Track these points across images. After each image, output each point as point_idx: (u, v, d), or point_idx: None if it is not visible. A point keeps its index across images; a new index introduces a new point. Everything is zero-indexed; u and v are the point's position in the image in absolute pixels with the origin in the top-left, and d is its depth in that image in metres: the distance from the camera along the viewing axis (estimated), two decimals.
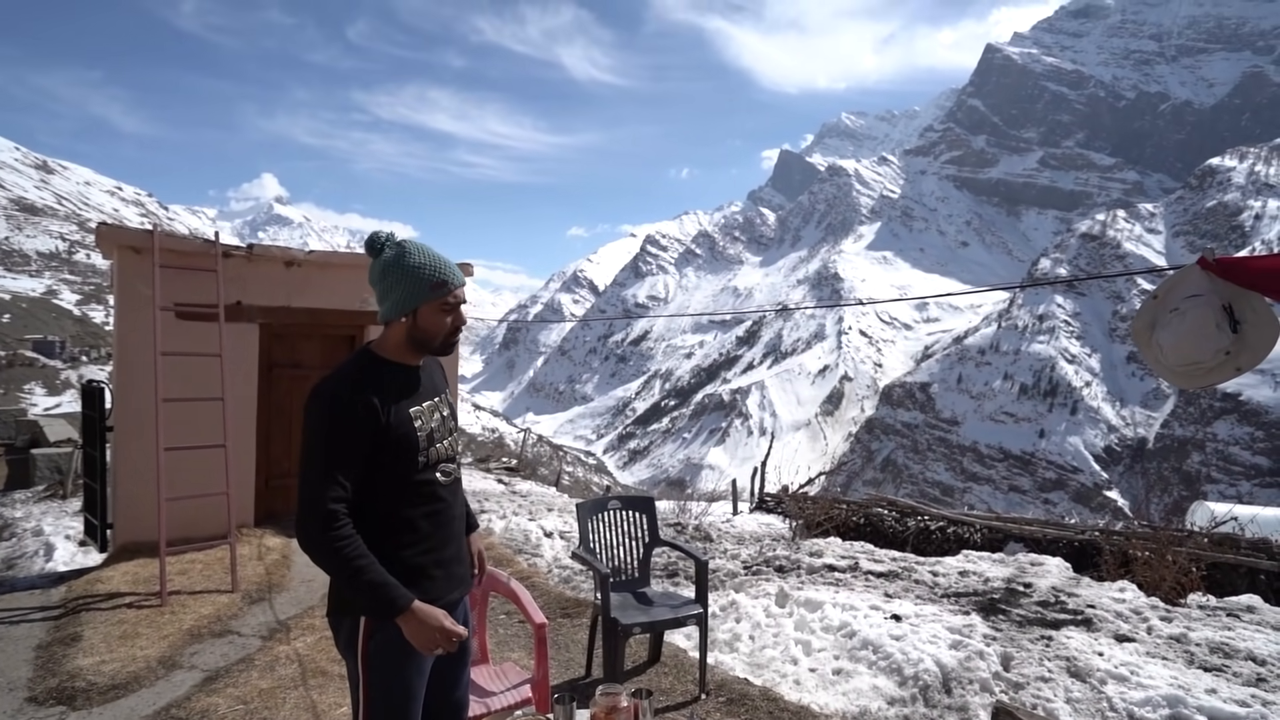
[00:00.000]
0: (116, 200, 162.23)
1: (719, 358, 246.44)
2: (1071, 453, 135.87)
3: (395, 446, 1.79)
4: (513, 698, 2.55)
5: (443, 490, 1.93)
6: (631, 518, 3.92)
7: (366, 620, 1.80)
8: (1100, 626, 4.96)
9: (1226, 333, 1.93)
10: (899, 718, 3.59)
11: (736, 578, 6.29)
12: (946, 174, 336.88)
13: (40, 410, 24.68)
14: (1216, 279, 1.99)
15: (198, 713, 3.33)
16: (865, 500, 10.36)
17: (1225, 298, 1.97)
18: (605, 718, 1.93)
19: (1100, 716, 3.58)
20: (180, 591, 4.85)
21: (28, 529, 9.43)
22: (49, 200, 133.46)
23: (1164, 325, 2.08)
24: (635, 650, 4.13)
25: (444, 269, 1.85)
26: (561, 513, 8.91)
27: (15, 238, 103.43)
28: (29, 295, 71.74)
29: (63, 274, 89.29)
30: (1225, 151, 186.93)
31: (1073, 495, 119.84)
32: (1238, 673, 4.19)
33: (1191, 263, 2.12)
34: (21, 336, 54.27)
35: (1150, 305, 2.17)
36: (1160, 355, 2.09)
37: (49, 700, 3.48)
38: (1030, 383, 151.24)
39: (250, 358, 6.21)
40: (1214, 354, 1.96)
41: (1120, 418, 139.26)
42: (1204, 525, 8.90)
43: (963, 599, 5.61)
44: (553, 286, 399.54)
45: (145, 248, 5.48)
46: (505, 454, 22.04)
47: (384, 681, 1.81)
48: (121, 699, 3.50)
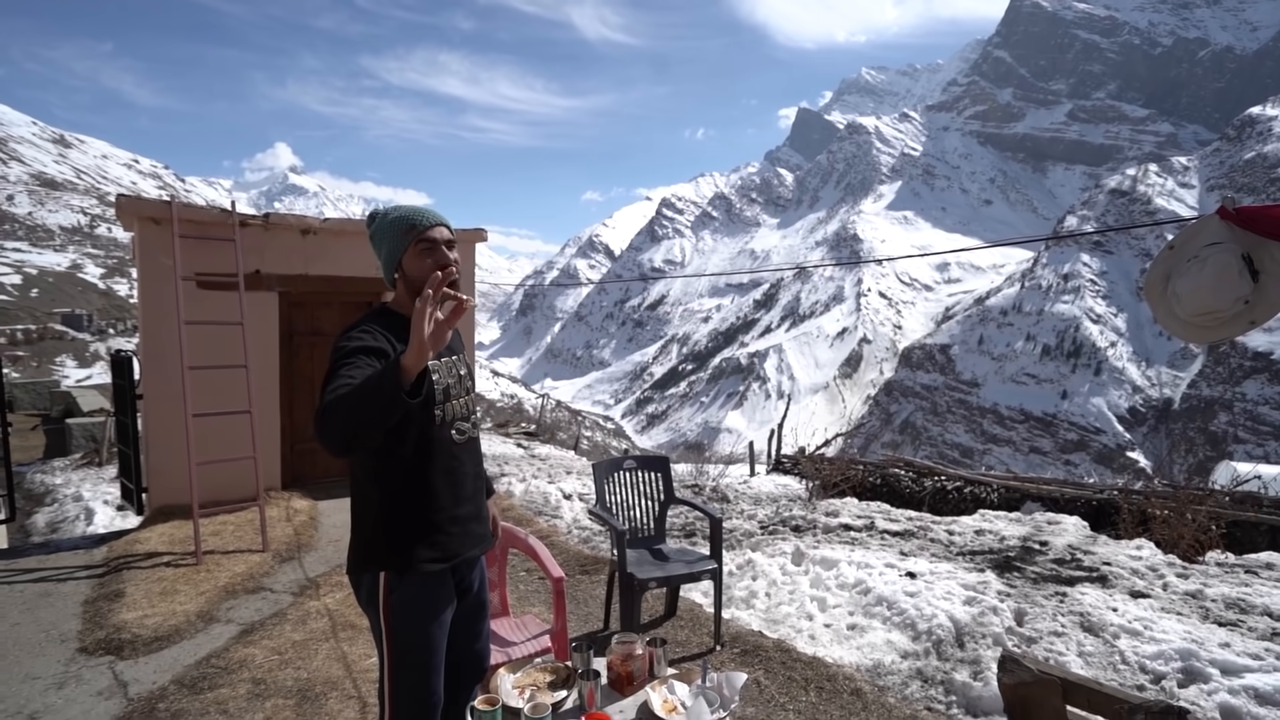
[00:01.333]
0: (134, 173, 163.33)
1: (736, 321, 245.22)
2: (1094, 414, 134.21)
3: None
4: (533, 647, 2.66)
5: (459, 449, 1.96)
6: (647, 477, 3.99)
7: (386, 575, 1.87)
8: (1115, 583, 4.98)
9: (1247, 280, 1.90)
10: (911, 670, 3.67)
11: (753, 537, 6.38)
12: (970, 130, 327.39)
13: (72, 382, 25.36)
14: (1236, 229, 1.95)
15: (236, 662, 3.50)
16: (882, 461, 10.38)
17: (1245, 248, 1.93)
18: (621, 665, 2.01)
19: (1112, 669, 3.63)
20: (214, 551, 5.05)
21: (68, 495, 9.82)
22: (68, 174, 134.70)
23: (1182, 273, 2.03)
24: (652, 605, 4.25)
25: (412, 215, 1.90)
26: (580, 475, 9.05)
27: (38, 213, 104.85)
28: (55, 270, 73.04)
29: (86, 248, 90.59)
30: (1268, 100, 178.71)
31: (1094, 456, 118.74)
32: (1253, 627, 4.21)
33: (1211, 214, 2.07)
34: (50, 310, 55.47)
35: (1166, 256, 2.13)
36: (1176, 305, 2.05)
37: (98, 650, 3.68)
38: (1053, 343, 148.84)
39: (271, 325, 6.32)
40: (1234, 302, 1.93)
41: (1145, 378, 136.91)
42: (1226, 484, 8.83)
43: (978, 557, 5.66)
44: (568, 252, 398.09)
45: (164, 219, 5.56)
46: (524, 419, 22.31)
47: (405, 634, 1.88)
48: (165, 650, 3.69)
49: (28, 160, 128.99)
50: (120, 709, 3.12)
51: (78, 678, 3.41)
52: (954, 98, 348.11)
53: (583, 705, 1.91)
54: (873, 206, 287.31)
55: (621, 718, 1.87)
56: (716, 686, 1.95)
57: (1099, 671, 3.61)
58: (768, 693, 3.23)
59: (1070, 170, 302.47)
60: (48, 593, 4.49)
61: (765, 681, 3.32)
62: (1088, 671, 3.62)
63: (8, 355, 46.91)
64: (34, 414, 16.41)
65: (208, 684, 3.30)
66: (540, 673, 2.06)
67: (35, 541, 7.67)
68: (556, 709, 1.88)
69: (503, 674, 2.04)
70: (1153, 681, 3.50)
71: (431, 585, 1.90)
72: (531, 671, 2.06)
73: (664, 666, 2.06)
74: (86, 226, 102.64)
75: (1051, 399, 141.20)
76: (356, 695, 3.18)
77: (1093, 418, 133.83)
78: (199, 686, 3.28)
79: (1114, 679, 3.55)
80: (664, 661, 2.07)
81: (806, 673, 3.37)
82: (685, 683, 1.99)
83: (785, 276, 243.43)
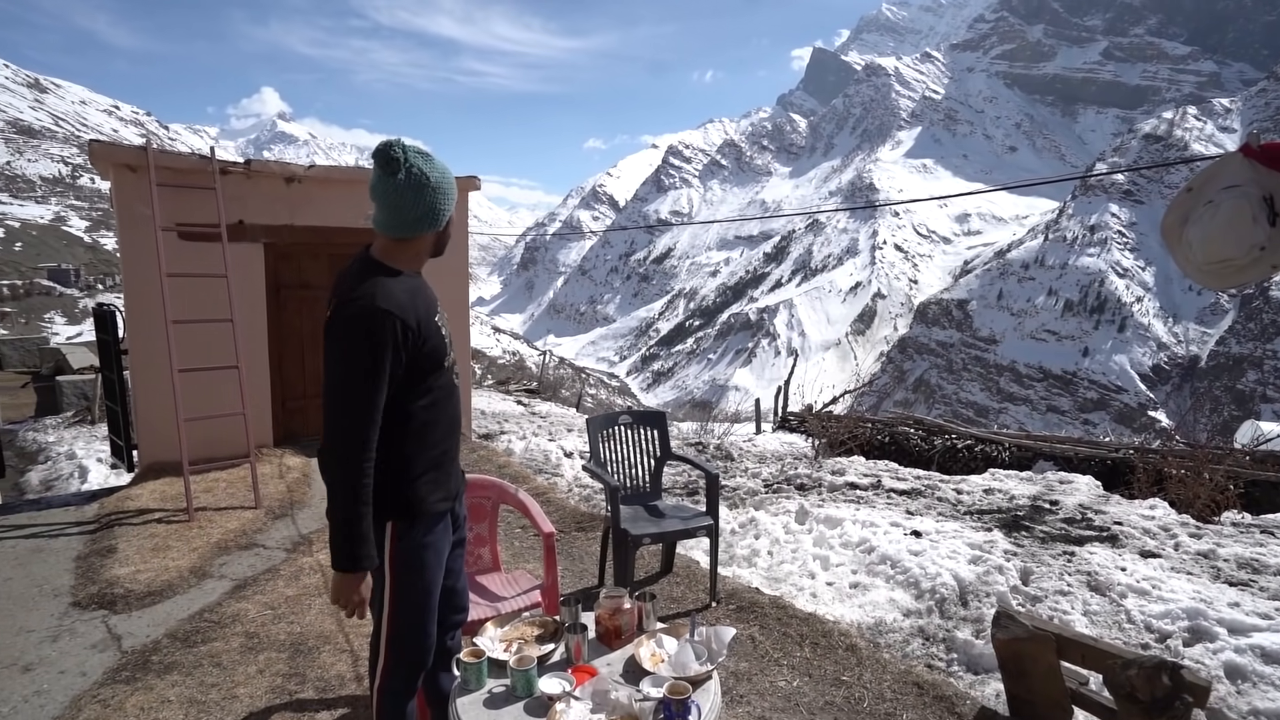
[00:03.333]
0: (115, 120, 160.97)
1: (745, 275, 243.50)
2: (1116, 371, 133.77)
3: (428, 357, 1.90)
4: (523, 602, 2.72)
5: (457, 395, 2.08)
6: (643, 433, 4.01)
7: (393, 525, 1.93)
8: (1125, 543, 5.04)
9: (1263, 226, 1.84)
10: (913, 628, 3.75)
11: (756, 495, 6.46)
12: (997, 70, 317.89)
13: (62, 339, 25.52)
14: (1260, 168, 1.89)
15: (230, 617, 3.60)
16: (890, 419, 10.42)
17: (1267, 189, 1.87)
18: (609, 619, 2.05)
19: (1117, 628, 3.69)
20: (206, 508, 5.15)
21: (61, 453, 9.99)
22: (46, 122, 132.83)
23: (1195, 220, 1.99)
24: (649, 561, 4.33)
25: (455, 182, 1.98)
26: (581, 433, 9.14)
27: (17, 162, 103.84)
28: (38, 222, 72.73)
29: (69, 200, 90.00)
30: None
31: (1115, 416, 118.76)
32: (1264, 587, 4.27)
33: (1234, 151, 2.00)
34: (35, 265, 55.46)
35: (1184, 199, 2.07)
36: (1190, 252, 2.01)
37: (91, 605, 3.79)
38: (1076, 299, 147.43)
39: (256, 278, 6.30)
40: (1247, 250, 1.88)
41: (1172, 335, 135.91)
42: (1247, 443, 8.84)
43: (986, 516, 5.72)
44: (571, 203, 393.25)
45: (141, 165, 5.49)
46: (525, 376, 22.42)
47: (410, 579, 1.97)
48: (158, 604, 3.79)
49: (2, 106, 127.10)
50: (114, 661, 3.23)
51: (71, 631, 3.52)
52: (980, 35, 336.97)
53: (570, 658, 1.96)
54: (890, 154, 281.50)
55: (609, 670, 1.92)
56: (705, 640, 2.00)
57: (1104, 630, 3.67)
58: (762, 648, 3.31)
59: (1103, 114, 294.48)
60: (40, 548, 4.60)
61: (760, 637, 3.40)
62: (1092, 630, 3.68)
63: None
64: (24, 371, 16.59)
65: (201, 637, 3.40)
66: (528, 626, 2.11)
67: (29, 498, 7.83)
68: (543, 661, 1.93)
69: (490, 627, 2.09)
70: (1158, 640, 3.57)
71: (436, 525, 2.00)
72: (519, 625, 2.11)
73: (652, 621, 2.10)
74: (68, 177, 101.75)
75: (1072, 356, 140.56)
76: (349, 649, 3.27)
77: (1114, 376, 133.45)
78: (192, 640, 3.38)
79: (1119, 638, 3.61)
80: (652, 616, 2.11)
81: (802, 629, 3.44)
82: (674, 637, 2.03)
83: (797, 229, 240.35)
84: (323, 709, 2.83)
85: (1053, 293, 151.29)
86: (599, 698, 1.76)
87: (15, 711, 2.85)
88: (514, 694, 1.82)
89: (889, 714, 2.80)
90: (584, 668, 1.91)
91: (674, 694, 1.71)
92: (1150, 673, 2.08)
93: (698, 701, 1.74)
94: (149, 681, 3.03)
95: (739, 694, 2.94)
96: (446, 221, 1.96)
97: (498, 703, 1.80)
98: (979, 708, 2.68)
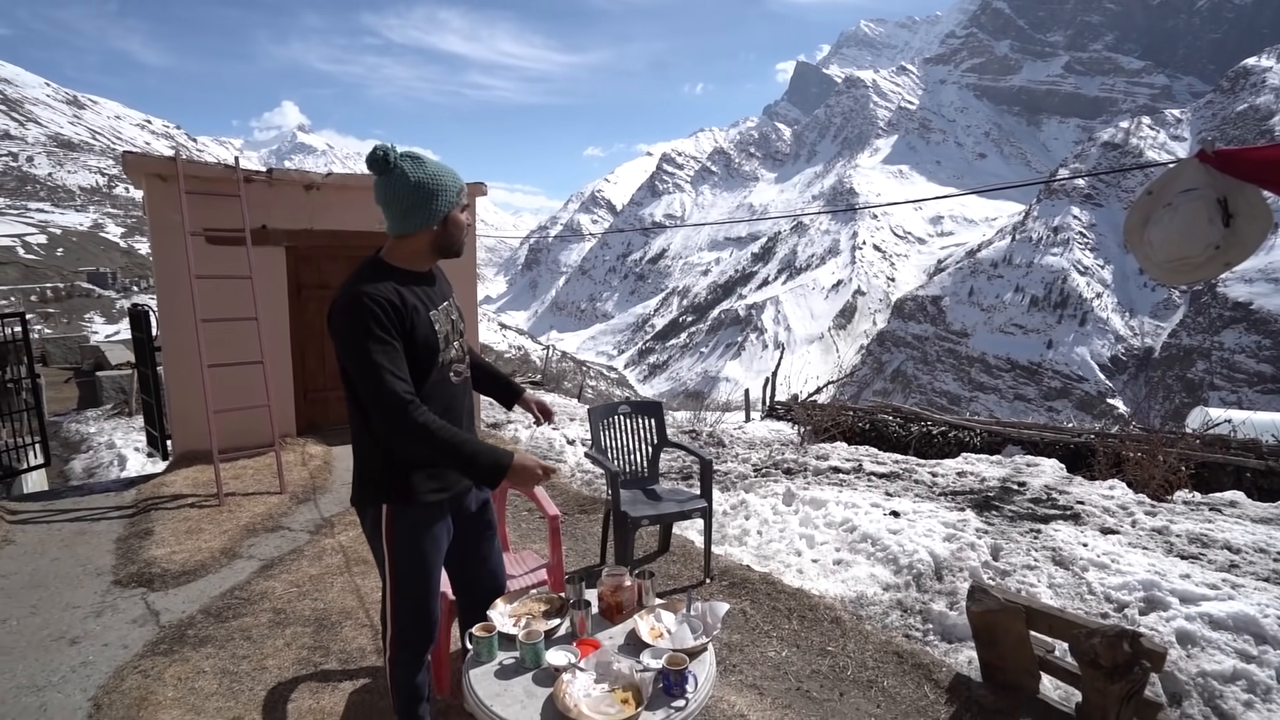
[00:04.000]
0: (147, 134, 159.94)
1: (735, 274, 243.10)
2: (1078, 362, 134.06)
3: (418, 350, 1.84)
4: (530, 580, 2.71)
5: (455, 389, 1.99)
6: (641, 422, 3.99)
7: (389, 507, 1.91)
8: (1087, 520, 5.04)
9: (1218, 227, 1.84)
10: (892, 601, 3.75)
11: (746, 479, 6.45)
12: (967, 83, 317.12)
13: (101, 337, 25.44)
14: (1215, 172, 1.88)
15: (258, 594, 3.59)
16: (871, 407, 10.42)
17: (1222, 191, 1.86)
18: (610, 595, 2.04)
19: (1079, 599, 3.70)
20: (235, 493, 5.12)
21: (101, 442, 9.96)
22: (84, 135, 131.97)
23: (1156, 221, 1.98)
24: (647, 542, 4.32)
25: (457, 174, 1.90)
26: (583, 422, 9.12)
27: (58, 174, 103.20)
28: (78, 229, 72.42)
29: (106, 208, 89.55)
30: (1263, 50, 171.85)
31: (1076, 403, 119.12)
32: (1213, 560, 4.28)
33: (1190, 157, 1.99)
34: (76, 269, 55.25)
35: (1145, 201, 2.06)
36: (1150, 251, 2.00)
37: (131, 583, 3.77)
38: (1041, 295, 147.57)
39: (279, 279, 6.26)
40: (1204, 249, 1.87)
41: (1129, 328, 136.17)
42: (1198, 428, 8.87)
43: (959, 497, 5.72)
44: (571, 207, 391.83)
45: (170, 175, 5.44)
46: (530, 369, 22.37)
47: (406, 560, 1.95)
48: (192, 583, 3.78)
49: (44, 121, 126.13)
50: (153, 635, 3.22)
51: (113, 607, 3.51)
52: (952, 50, 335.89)
53: (574, 632, 1.95)
54: (869, 160, 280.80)
55: (611, 643, 1.91)
56: (700, 615, 1.99)
57: (1067, 601, 3.68)
58: (753, 621, 3.30)
59: (1065, 123, 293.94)
60: (83, 531, 4.58)
61: (751, 611, 3.40)
62: (1056, 601, 3.69)
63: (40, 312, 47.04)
64: (66, 368, 16.52)
65: (232, 613, 3.39)
66: (535, 603, 2.09)
67: (73, 484, 7.81)
68: (549, 635, 1.92)
69: (499, 603, 2.07)
70: (1116, 610, 3.57)
71: (432, 514, 1.96)
72: (527, 601, 2.10)
73: (651, 597, 2.09)
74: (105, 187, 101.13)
75: (1037, 348, 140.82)
76: (369, 624, 3.26)
77: (1076, 366, 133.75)
78: (224, 615, 3.37)
79: (1080, 608, 3.62)
80: (651, 592, 2.10)
81: (790, 603, 3.44)
82: (671, 612, 2.02)
83: (782, 231, 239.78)
84: (345, 679, 2.83)
85: (1019, 289, 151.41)
86: (602, 669, 1.75)
87: (65, 680, 2.85)
88: (523, 665, 1.81)
89: (871, 681, 2.80)
90: (588, 641, 1.91)
91: (672, 665, 1.70)
92: (1112, 640, 2.08)
93: (694, 672, 1.73)
94: (185, 654, 3.02)
95: (732, 664, 2.93)
96: (443, 220, 1.87)
97: (508, 674, 1.79)
98: (954, 674, 2.69)
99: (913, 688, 2.73)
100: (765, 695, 2.71)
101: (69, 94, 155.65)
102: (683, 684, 1.68)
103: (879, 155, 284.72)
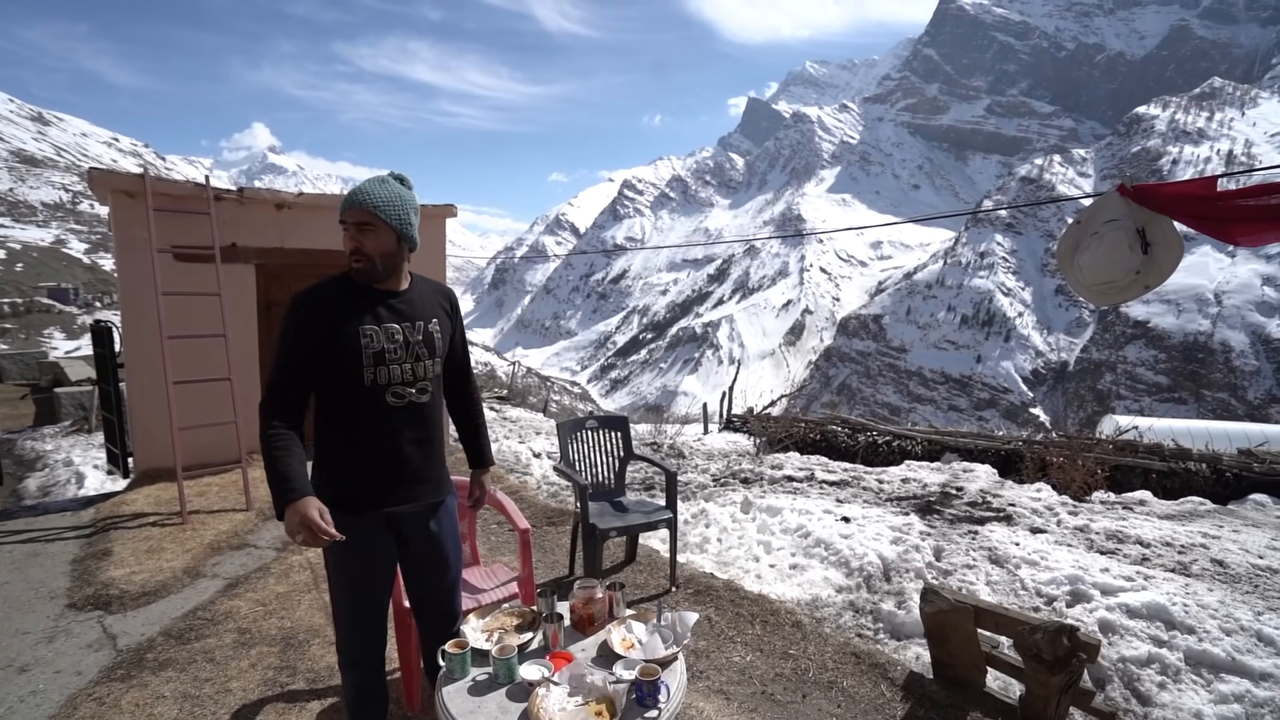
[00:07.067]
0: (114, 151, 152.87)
1: (692, 294, 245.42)
2: (1003, 375, 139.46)
3: (339, 359, 1.79)
4: (501, 593, 2.61)
5: (395, 414, 1.84)
6: (608, 435, 3.94)
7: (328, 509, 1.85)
8: (1018, 521, 5.19)
9: (1138, 254, 1.93)
10: (845, 602, 3.76)
11: (706, 489, 6.43)
12: (902, 120, 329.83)
13: (61, 353, 23.97)
14: (1133, 204, 1.97)
15: (223, 614, 3.37)
16: (821, 419, 10.57)
17: (1139, 222, 1.95)
18: (582, 608, 1.98)
19: (1014, 594, 3.78)
20: (199, 511, 4.85)
21: (59, 460, 9.31)
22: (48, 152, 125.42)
23: (1085, 248, 2.07)
24: (614, 552, 4.25)
25: (347, 199, 1.84)
26: (549, 436, 8.98)
27: (19, 189, 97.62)
28: (39, 245, 68.48)
29: (69, 224, 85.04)
30: (1150, 100, 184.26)
31: (1003, 412, 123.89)
32: (1127, 554, 4.44)
33: (1112, 191, 2.08)
34: (36, 284, 52.12)
35: (1074, 229, 2.15)
36: (1080, 275, 2.08)
37: (87, 606, 3.50)
38: (970, 314, 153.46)
39: (248, 297, 6.01)
40: (1126, 273, 1.96)
41: (1046, 344, 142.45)
42: (1110, 434, 9.27)
43: (904, 502, 5.82)
44: (536, 229, 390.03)
45: (138, 192, 5.18)
46: (497, 385, 22.02)
47: (339, 568, 1.90)
48: (153, 604, 3.53)
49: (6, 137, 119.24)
50: (109, 660, 2.99)
51: (67, 631, 3.25)
52: (888, 91, 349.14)
53: (547, 646, 1.88)
54: (815, 189, 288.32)
55: (584, 656, 1.85)
56: (671, 625, 1.94)
57: (1003, 597, 3.75)
58: (718, 627, 3.26)
59: (987, 159, 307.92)
60: (36, 553, 4.25)
61: (716, 618, 3.36)
62: (994, 597, 3.76)
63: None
64: (22, 384, 15.48)
65: (195, 634, 3.18)
66: (508, 617, 2.02)
67: (26, 504, 7.27)
68: (523, 650, 1.85)
69: (472, 619, 1.99)
70: (1046, 603, 3.66)
71: (363, 526, 1.85)
72: (499, 616, 2.02)
73: (622, 608, 2.04)
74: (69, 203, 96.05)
75: (968, 362, 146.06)
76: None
77: (1002, 379, 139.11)
78: (186, 637, 3.16)
79: (1015, 602, 3.70)
80: (622, 603, 2.04)
81: (753, 609, 3.41)
82: (642, 622, 1.97)
83: (736, 254, 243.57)
84: (313, 699, 2.67)
85: (951, 309, 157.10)
86: (576, 681, 1.68)
87: (12, 712, 2.60)
88: (497, 681, 1.73)
89: (832, 682, 2.79)
90: (561, 654, 1.84)
91: (645, 675, 1.65)
92: (1053, 636, 2.12)
93: (666, 681, 1.69)
94: (144, 678, 2.81)
95: (699, 670, 2.88)
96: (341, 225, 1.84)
97: (482, 690, 1.71)
98: (908, 672, 2.70)
99: (870, 686, 2.73)
100: (732, 700, 2.67)
101: (34, 110, 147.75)
102: (655, 694, 1.63)
103: (824, 185, 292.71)
